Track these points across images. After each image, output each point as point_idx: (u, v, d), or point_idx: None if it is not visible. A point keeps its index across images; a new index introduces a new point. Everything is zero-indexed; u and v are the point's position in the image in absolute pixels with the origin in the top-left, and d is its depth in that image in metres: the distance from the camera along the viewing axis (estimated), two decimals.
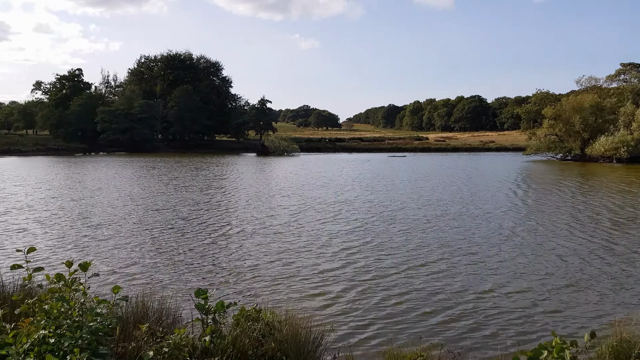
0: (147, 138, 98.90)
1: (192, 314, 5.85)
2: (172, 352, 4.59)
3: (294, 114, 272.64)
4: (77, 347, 3.80)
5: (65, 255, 12.88)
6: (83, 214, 20.08)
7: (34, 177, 37.61)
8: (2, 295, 5.94)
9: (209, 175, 40.77)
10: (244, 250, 13.88)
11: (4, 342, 4.02)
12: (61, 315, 3.99)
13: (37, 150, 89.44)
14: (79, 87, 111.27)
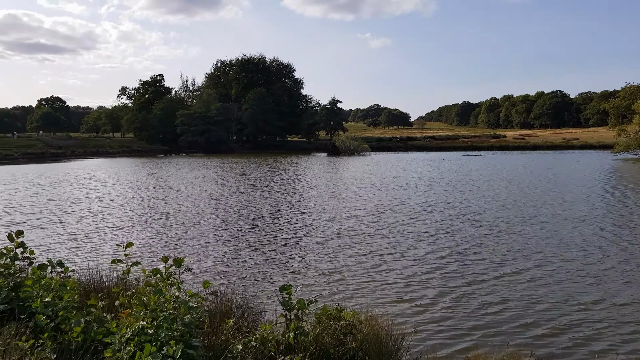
0: (223, 139, 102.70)
1: (275, 311, 5.96)
2: (258, 347, 4.70)
3: (364, 113, 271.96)
4: (172, 338, 3.98)
5: (155, 251, 13.69)
6: (171, 212, 21.01)
7: (123, 178, 40.12)
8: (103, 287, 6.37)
9: (285, 175, 41.42)
10: (327, 251, 13.68)
11: (108, 331, 4.30)
12: (158, 307, 4.20)
13: (123, 152, 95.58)
14: (160, 91, 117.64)
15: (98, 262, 11.55)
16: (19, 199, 25.65)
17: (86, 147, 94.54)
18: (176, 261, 4.53)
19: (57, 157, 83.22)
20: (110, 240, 15.22)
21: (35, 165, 60.64)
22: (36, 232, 16.55)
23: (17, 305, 5.23)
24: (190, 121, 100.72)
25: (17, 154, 79.04)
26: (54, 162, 68.80)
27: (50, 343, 4.39)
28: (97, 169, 52.93)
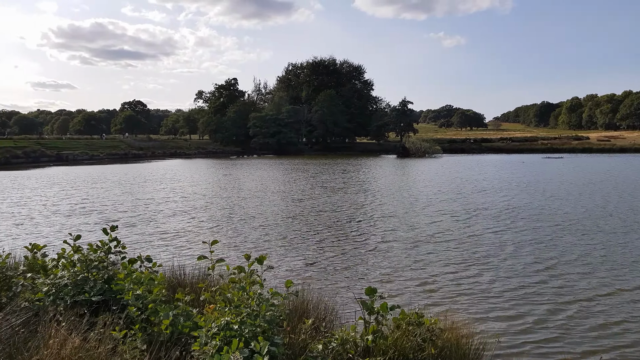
0: (293, 141, 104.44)
1: (355, 312, 5.93)
2: (338, 348, 4.68)
3: (436, 114, 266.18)
4: (255, 334, 4.05)
5: (237, 249, 14.13)
6: (252, 213, 21.42)
7: (203, 178, 41.77)
8: (187, 282, 6.64)
9: (358, 177, 41.21)
10: (414, 258, 13.06)
11: (195, 325, 4.46)
12: (242, 304, 4.30)
13: (199, 153, 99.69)
14: (234, 95, 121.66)
15: (182, 259, 12.04)
16: (109, 198, 27.33)
17: (165, 149, 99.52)
18: (258, 259, 4.61)
19: (139, 157, 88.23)
20: (194, 238, 15.85)
21: (120, 165, 64.63)
22: (129, 230, 17.54)
23: (110, 297, 5.56)
24: (262, 123, 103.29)
25: (103, 155, 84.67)
26: (136, 163, 73.03)
27: (140, 334, 4.62)
28: (178, 169, 55.47)
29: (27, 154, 73.90)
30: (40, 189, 32.34)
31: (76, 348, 4.01)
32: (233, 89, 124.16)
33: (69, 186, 34.33)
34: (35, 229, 17.67)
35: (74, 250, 6.14)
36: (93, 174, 46.72)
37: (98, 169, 55.92)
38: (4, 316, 4.81)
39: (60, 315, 5.04)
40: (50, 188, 33.12)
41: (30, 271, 6.27)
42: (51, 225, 18.46)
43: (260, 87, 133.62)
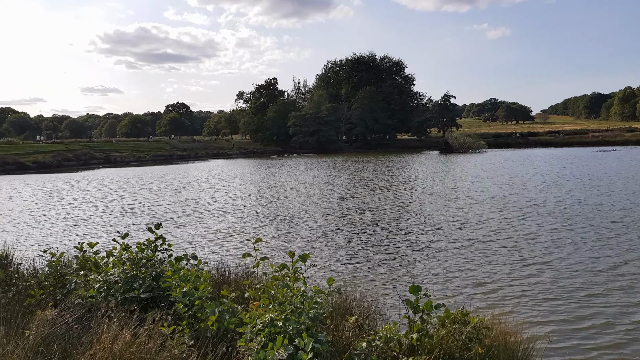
0: (332, 139, 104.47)
1: (398, 312, 5.88)
2: (382, 346, 4.64)
3: (480, 108, 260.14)
4: (299, 331, 4.07)
5: (281, 247, 14.28)
6: (296, 211, 21.58)
7: (247, 178, 42.41)
8: (231, 279, 6.76)
9: (401, 174, 40.74)
10: (461, 258, 12.61)
11: (240, 322, 4.52)
12: (286, 301, 4.32)
13: (240, 154, 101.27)
14: (274, 94, 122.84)
15: (226, 257, 12.25)
16: (158, 199, 28.11)
17: (208, 149, 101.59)
18: (302, 257, 4.62)
19: (183, 158, 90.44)
20: (239, 237, 16.11)
21: (165, 167, 66.47)
22: (180, 230, 17.97)
23: (158, 293, 5.72)
24: (302, 122, 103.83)
25: (149, 156, 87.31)
26: (180, 164, 74.89)
27: (188, 330, 4.73)
28: (221, 170, 56.51)
29: (78, 156, 77.06)
30: (92, 191, 33.65)
31: (127, 343, 4.13)
32: (273, 88, 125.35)
33: (119, 187, 35.56)
34: (90, 230, 18.38)
35: (123, 248, 6.35)
36: (140, 176, 48.22)
37: (145, 171, 57.67)
38: (59, 312, 5.02)
39: (112, 311, 5.21)
40: (101, 189, 34.41)
41: (83, 269, 6.52)
42: (103, 226, 19.18)
43: (300, 85, 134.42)
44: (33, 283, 6.55)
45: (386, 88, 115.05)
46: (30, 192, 34.79)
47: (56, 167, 69.13)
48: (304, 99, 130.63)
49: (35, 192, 34.54)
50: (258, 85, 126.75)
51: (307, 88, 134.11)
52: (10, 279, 6.90)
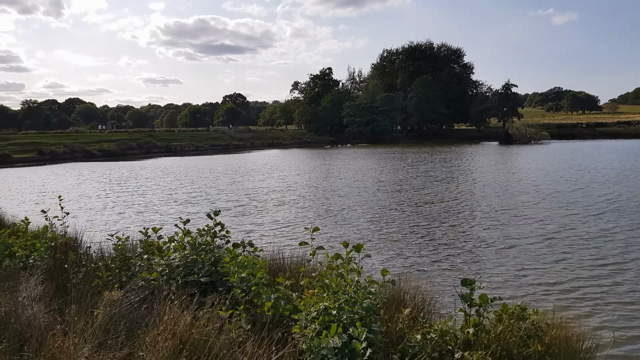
0: (387, 129, 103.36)
1: (454, 305, 5.78)
2: (437, 339, 4.59)
3: (543, 97, 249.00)
4: (353, 321, 4.09)
5: (336, 237, 14.38)
6: (353, 202, 21.57)
7: (303, 168, 42.84)
8: (286, 267, 6.88)
9: (460, 166, 39.68)
10: (524, 256, 12.05)
11: (295, 309, 4.60)
12: (340, 290, 4.35)
13: (294, 143, 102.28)
14: (328, 84, 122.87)
15: (282, 245, 12.43)
16: (218, 187, 28.91)
17: (263, 139, 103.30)
18: (356, 247, 4.63)
19: (239, 148, 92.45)
20: (295, 226, 16.35)
21: (223, 156, 68.20)
22: (237, 218, 18.51)
23: (217, 278, 5.91)
24: (356, 112, 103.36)
25: (207, 146, 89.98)
26: (236, 153, 76.64)
27: (244, 315, 4.86)
28: (277, 159, 57.32)
29: (141, 145, 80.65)
30: (155, 179, 35.08)
31: (188, 325, 4.30)
32: (327, 78, 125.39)
33: (181, 176, 36.86)
34: (153, 216, 19.19)
35: (184, 233, 6.59)
36: (200, 165, 49.72)
37: (204, 160, 59.40)
38: (124, 294, 5.28)
39: (173, 294, 5.41)
40: (163, 178, 35.80)
41: (146, 253, 6.82)
42: (166, 213, 19.99)
43: (355, 75, 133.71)
44: (100, 265, 6.93)
45: (444, 77, 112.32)
46: (97, 179, 36.76)
47: (120, 155, 72.65)
48: (359, 89, 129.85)
49: (102, 179, 36.45)
50: (313, 76, 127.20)
51: (361, 77, 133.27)
52: (80, 261, 7.34)
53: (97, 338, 4.12)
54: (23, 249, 7.50)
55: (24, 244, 7.70)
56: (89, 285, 5.68)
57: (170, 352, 3.68)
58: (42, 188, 31.46)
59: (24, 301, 4.78)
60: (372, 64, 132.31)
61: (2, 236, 8.02)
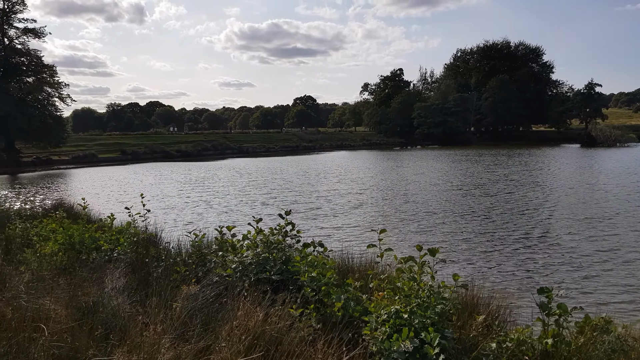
0: (459, 131, 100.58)
1: (530, 315, 5.51)
2: (513, 349, 4.40)
3: (630, 97, 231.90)
4: (425, 325, 4.01)
5: (407, 240, 14.21)
6: (428, 207, 20.96)
7: (373, 170, 42.70)
8: (355, 268, 6.87)
9: (544, 169, 37.40)
10: (615, 266, 11.38)
11: (365, 310, 4.58)
12: (412, 294, 4.28)
13: (363, 145, 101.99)
14: (399, 85, 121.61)
15: (350, 246, 12.42)
16: (292, 189, 29.12)
17: (332, 141, 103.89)
18: (431, 251, 4.53)
19: (308, 149, 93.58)
20: (364, 227, 16.30)
21: (293, 157, 69.30)
22: (309, 218, 18.72)
23: (287, 277, 6.00)
24: (427, 113, 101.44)
25: (277, 147, 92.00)
26: (305, 155, 77.57)
27: (314, 314, 4.90)
28: (346, 161, 57.35)
29: (215, 146, 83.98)
30: (230, 179, 36.26)
31: (260, 321, 4.40)
32: (398, 79, 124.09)
33: (255, 177, 37.78)
34: (228, 216, 19.78)
35: (257, 232, 6.76)
36: (273, 166, 50.71)
37: (275, 161, 60.65)
38: (200, 288, 5.49)
39: (246, 290, 5.57)
40: (238, 178, 36.91)
41: (221, 250, 7.06)
42: (241, 212, 20.62)
43: (427, 76, 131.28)
44: (178, 260, 7.26)
45: (521, 76, 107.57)
46: (175, 178, 38.61)
47: (196, 156, 75.97)
48: (431, 90, 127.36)
49: (180, 178, 38.23)
50: (383, 77, 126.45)
51: (434, 78, 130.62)
52: (159, 256, 7.74)
53: (176, 330, 4.31)
54: (108, 243, 7.99)
55: (109, 239, 8.21)
56: (168, 279, 5.96)
57: (245, 346, 3.79)
58: (124, 186, 33.51)
59: (109, 292, 5.10)
60: (444, 64, 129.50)
61: (90, 230, 8.60)
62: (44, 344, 3.28)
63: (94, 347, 3.64)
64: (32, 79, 68.08)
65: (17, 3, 65.74)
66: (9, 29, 66.45)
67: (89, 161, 65.19)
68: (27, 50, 67.26)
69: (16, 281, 5.08)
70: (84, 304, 4.52)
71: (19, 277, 5.34)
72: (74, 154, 67.02)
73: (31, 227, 9.78)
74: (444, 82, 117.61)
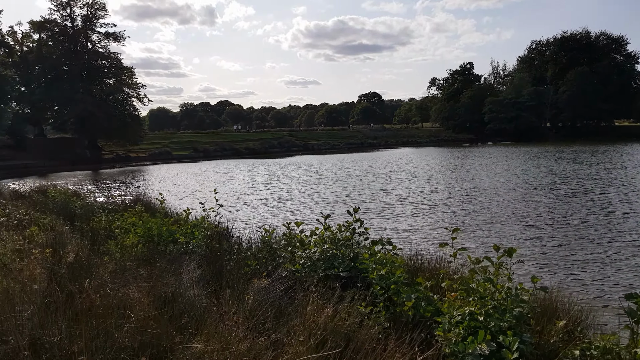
0: (534, 126, 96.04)
1: (617, 322, 5.16)
2: (598, 357, 4.13)
3: None
4: (501, 329, 3.85)
5: (483, 240, 13.79)
6: (503, 205, 20.20)
7: (442, 168, 41.76)
8: (425, 267, 6.74)
9: (633, 169, 34.11)
10: None
11: (436, 311, 4.47)
12: (488, 295, 4.12)
13: (430, 142, 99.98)
14: (469, 80, 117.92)
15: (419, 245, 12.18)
16: (361, 186, 28.86)
17: (397, 137, 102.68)
18: (508, 251, 4.35)
19: (373, 146, 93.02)
20: (435, 227, 15.94)
21: (359, 154, 69.19)
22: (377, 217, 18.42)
23: (355, 274, 5.98)
24: (499, 108, 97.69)
25: (342, 144, 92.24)
26: (370, 151, 77.13)
27: (384, 312, 4.85)
28: (413, 158, 56.17)
29: (281, 144, 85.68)
30: (299, 176, 36.70)
31: (330, 317, 4.41)
32: (468, 73, 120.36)
33: (323, 174, 37.98)
34: (300, 214, 19.83)
35: (325, 228, 6.80)
36: (339, 163, 50.62)
37: (341, 158, 60.69)
38: (271, 282, 5.59)
39: (314, 286, 5.61)
40: (307, 175, 37.32)
41: (289, 245, 7.16)
42: (309, 208, 20.85)
43: (498, 69, 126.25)
44: (249, 254, 7.44)
45: (602, 68, 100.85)
46: (244, 175, 39.72)
47: (263, 153, 77.82)
48: (503, 83, 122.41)
49: (249, 175, 39.28)
50: (452, 71, 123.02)
51: (506, 71, 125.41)
52: (231, 250, 7.97)
53: (248, 321, 4.42)
54: (184, 236, 8.33)
55: (184, 232, 8.56)
56: (239, 272, 6.12)
57: (317, 342, 3.81)
58: (197, 183, 34.88)
59: (186, 283, 5.31)
60: (518, 57, 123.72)
61: (167, 224, 9.01)
62: (129, 330, 3.46)
63: (174, 335, 3.81)
64: (113, 80, 72.60)
65: (99, 9, 70.27)
66: (92, 34, 71.17)
67: (163, 158, 68.50)
68: (108, 53, 71.79)
69: (102, 270, 5.41)
70: (163, 293, 4.74)
71: (103, 267, 5.69)
72: (150, 151, 70.69)
73: (113, 220, 10.40)
74: (517, 76, 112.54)
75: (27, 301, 4.07)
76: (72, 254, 6.52)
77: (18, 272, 5.22)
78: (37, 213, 11.86)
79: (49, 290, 4.40)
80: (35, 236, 7.78)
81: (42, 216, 11.33)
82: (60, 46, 69.12)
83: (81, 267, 5.55)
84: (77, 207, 13.74)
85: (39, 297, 4.27)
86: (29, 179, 39.62)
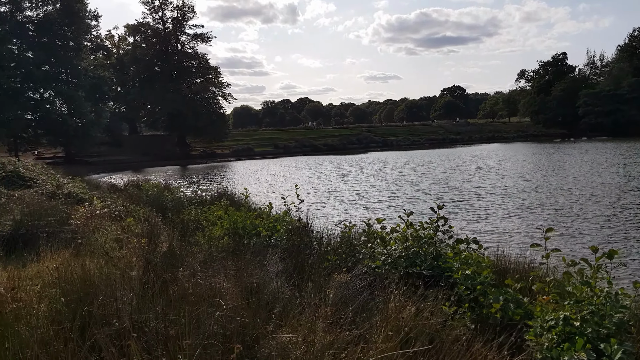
0: (635, 120, 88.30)
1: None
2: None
3: None
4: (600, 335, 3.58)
5: (578, 242, 12.93)
6: (609, 207, 18.52)
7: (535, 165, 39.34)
8: (513, 269, 6.45)
9: None
10: None
11: (526, 314, 4.25)
12: (585, 300, 3.86)
13: (517, 137, 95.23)
14: (561, 71, 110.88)
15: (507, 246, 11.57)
16: (448, 184, 27.92)
17: (482, 133, 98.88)
18: (608, 253, 4.04)
19: (455, 142, 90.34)
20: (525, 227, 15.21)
21: (440, 150, 67.48)
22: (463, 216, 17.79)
23: (438, 273, 5.84)
24: (595, 101, 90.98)
25: (423, 140, 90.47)
26: (452, 147, 74.86)
27: (469, 313, 4.69)
28: (500, 154, 53.49)
29: (360, 140, 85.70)
30: (379, 173, 36.49)
31: (412, 316, 4.34)
32: (561, 64, 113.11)
33: (404, 171, 37.39)
34: (381, 211, 19.56)
35: (407, 225, 6.69)
36: (421, 160, 49.27)
37: (423, 154, 59.24)
38: (351, 278, 5.61)
39: (395, 284, 5.54)
40: (388, 172, 36.98)
41: (369, 242, 7.13)
42: (391, 205, 20.62)
43: (595, 59, 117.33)
44: (329, 249, 7.50)
45: None
46: (324, 171, 40.16)
47: (341, 149, 78.23)
48: (600, 75, 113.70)
49: (329, 171, 39.66)
50: (543, 62, 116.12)
51: (604, 62, 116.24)
52: (312, 244, 8.09)
53: (329, 316, 4.46)
54: (267, 230, 8.57)
55: (267, 226, 8.81)
56: (320, 267, 6.19)
57: (398, 339, 3.77)
58: (278, 178, 35.78)
59: (270, 275, 5.46)
60: (617, 46, 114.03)
61: (250, 218, 9.32)
62: (218, 318, 3.62)
63: (261, 324, 3.93)
64: (200, 80, 76.30)
65: (188, 11, 74.07)
66: (181, 36, 75.19)
67: (246, 154, 71.01)
68: (195, 54, 75.55)
69: (191, 260, 5.70)
70: (248, 284, 4.90)
71: (193, 257, 5.99)
72: (233, 147, 73.61)
73: (201, 212, 10.92)
74: (616, 66, 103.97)
75: (126, 287, 4.38)
76: (165, 244, 6.94)
77: (118, 260, 5.63)
78: (132, 205, 12.75)
79: (146, 278, 4.70)
80: (131, 227, 8.35)
81: (137, 208, 12.17)
82: (153, 48, 73.72)
83: (173, 256, 5.88)
84: (168, 200, 14.60)
85: (137, 283, 4.58)
86: (124, 174, 42.73)
